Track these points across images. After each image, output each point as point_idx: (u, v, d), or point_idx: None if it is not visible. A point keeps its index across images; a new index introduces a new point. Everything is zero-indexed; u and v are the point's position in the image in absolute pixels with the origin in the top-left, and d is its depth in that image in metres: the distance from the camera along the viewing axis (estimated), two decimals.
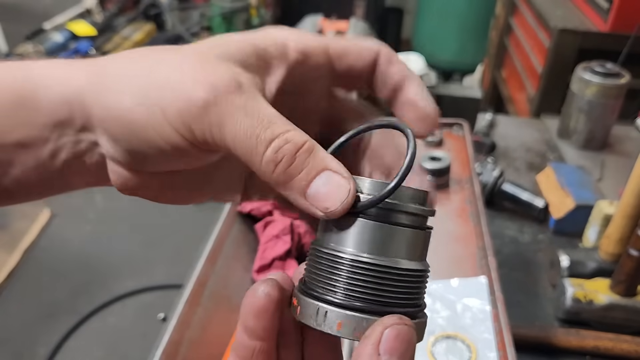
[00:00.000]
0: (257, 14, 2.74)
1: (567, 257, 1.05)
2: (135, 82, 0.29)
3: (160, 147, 0.29)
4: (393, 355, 0.26)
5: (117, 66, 0.30)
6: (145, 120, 0.28)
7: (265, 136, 0.27)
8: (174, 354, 0.80)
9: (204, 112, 0.27)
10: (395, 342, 0.26)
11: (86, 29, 2.70)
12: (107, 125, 0.29)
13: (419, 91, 0.33)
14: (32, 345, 1.91)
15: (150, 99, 0.28)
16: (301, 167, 0.27)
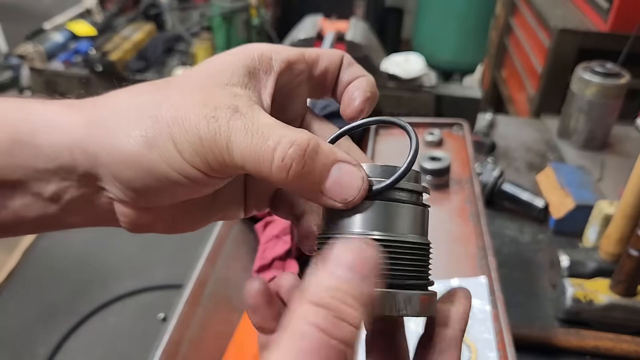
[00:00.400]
0: (257, 14, 2.74)
1: (567, 257, 1.05)
2: (141, 122, 0.29)
3: (176, 181, 0.30)
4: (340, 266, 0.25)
5: (117, 107, 0.30)
6: (158, 159, 0.29)
7: (268, 145, 0.28)
8: (174, 354, 0.80)
9: (213, 143, 0.28)
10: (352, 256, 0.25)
11: (86, 29, 2.70)
12: (116, 170, 0.30)
13: (362, 83, 0.35)
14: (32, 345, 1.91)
15: (160, 137, 0.29)
16: (312, 166, 0.28)
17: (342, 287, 0.25)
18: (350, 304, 0.24)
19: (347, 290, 0.25)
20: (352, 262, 0.25)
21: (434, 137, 1.22)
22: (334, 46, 1.61)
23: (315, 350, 0.23)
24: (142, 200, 0.31)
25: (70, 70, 2.57)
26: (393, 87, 1.74)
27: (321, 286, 0.25)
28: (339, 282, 0.25)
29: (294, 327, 0.24)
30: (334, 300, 0.24)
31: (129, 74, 2.56)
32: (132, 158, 0.29)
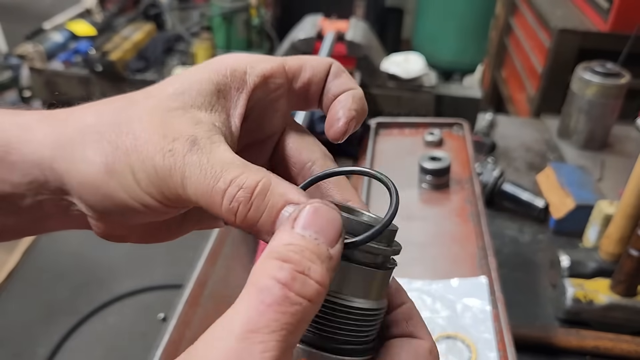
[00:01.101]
0: (257, 14, 2.73)
1: (567, 257, 1.05)
2: (102, 148, 0.29)
3: (134, 208, 0.29)
4: (308, 228, 0.25)
5: (82, 127, 0.30)
6: (116, 186, 0.29)
7: (219, 187, 0.27)
8: (174, 354, 0.80)
9: (168, 177, 0.28)
10: (312, 217, 0.25)
11: (86, 29, 2.70)
12: (80, 192, 0.30)
13: (348, 100, 0.33)
14: (32, 345, 1.91)
15: (119, 165, 0.29)
16: (260, 210, 0.27)
17: (308, 245, 0.24)
18: (314, 261, 0.24)
19: (312, 249, 0.24)
20: (318, 224, 0.25)
21: (434, 137, 1.22)
22: (334, 46, 1.61)
23: (275, 304, 0.22)
24: (109, 218, 0.31)
25: (70, 70, 2.57)
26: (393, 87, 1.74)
27: (286, 243, 0.24)
28: (304, 241, 0.24)
29: (255, 281, 0.23)
30: (297, 256, 0.23)
31: (129, 73, 2.56)
32: (93, 184, 0.29)
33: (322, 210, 0.25)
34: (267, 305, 0.22)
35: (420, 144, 1.24)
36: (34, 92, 2.73)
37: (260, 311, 0.22)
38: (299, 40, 1.69)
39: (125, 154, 0.29)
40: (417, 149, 1.21)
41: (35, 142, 0.30)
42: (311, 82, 0.34)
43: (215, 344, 0.22)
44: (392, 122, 1.30)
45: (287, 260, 0.23)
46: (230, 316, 0.23)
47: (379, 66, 1.72)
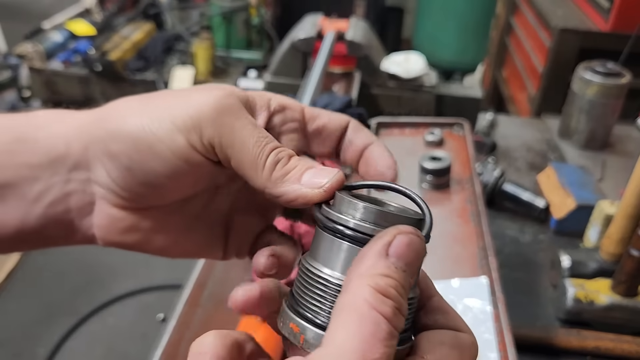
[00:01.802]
0: (257, 14, 2.73)
1: (568, 258, 1.05)
2: (144, 106, 0.32)
3: (166, 159, 0.31)
4: (401, 260, 0.27)
5: (124, 101, 0.33)
6: (154, 133, 0.31)
7: (269, 147, 0.32)
8: (174, 354, 0.80)
9: (216, 115, 0.31)
10: (405, 249, 0.27)
11: (85, 29, 2.70)
12: (112, 146, 0.31)
13: (382, 150, 0.36)
14: (32, 345, 1.91)
15: (160, 114, 0.31)
16: (295, 164, 0.32)
17: (402, 281, 0.26)
18: (405, 298, 0.26)
19: (404, 285, 0.26)
20: (410, 257, 0.27)
21: (435, 137, 1.22)
22: (334, 46, 1.61)
23: (385, 339, 0.24)
24: (130, 187, 0.32)
25: (70, 69, 2.57)
26: (393, 87, 1.73)
27: (383, 273, 0.26)
28: (398, 275, 0.26)
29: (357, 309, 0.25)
30: (395, 293, 0.26)
31: (129, 73, 2.55)
32: (128, 132, 0.31)
33: (415, 243, 0.27)
34: (378, 339, 0.24)
35: (420, 144, 1.23)
36: (33, 92, 2.73)
37: (372, 345, 0.24)
38: (299, 39, 1.69)
39: (168, 107, 0.31)
40: (417, 149, 1.21)
41: (69, 119, 0.33)
42: (325, 127, 0.37)
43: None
44: (392, 121, 1.30)
45: (387, 295, 0.25)
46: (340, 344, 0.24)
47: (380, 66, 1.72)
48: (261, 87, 2.27)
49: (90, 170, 0.32)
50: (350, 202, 0.29)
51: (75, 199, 0.33)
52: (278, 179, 0.31)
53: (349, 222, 0.29)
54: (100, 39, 2.65)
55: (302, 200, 0.31)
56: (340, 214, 0.29)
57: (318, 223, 0.31)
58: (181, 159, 0.31)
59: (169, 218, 0.35)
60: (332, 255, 0.29)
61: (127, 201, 0.33)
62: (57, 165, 0.32)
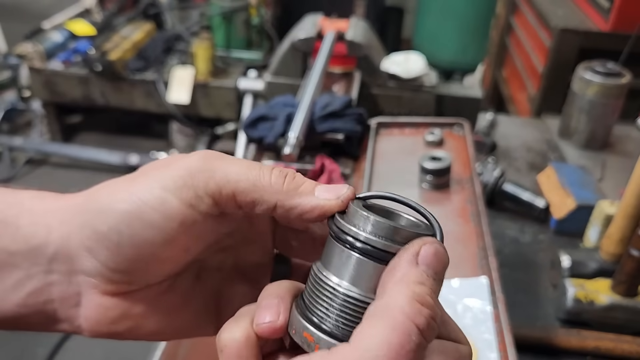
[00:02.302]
0: (256, 13, 2.73)
1: (568, 258, 1.05)
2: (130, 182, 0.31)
3: (159, 226, 0.30)
4: (430, 268, 0.28)
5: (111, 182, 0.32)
6: (144, 203, 0.30)
7: (266, 166, 0.32)
8: (174, 354, 0.80)
9: (204, 163, 0.31)
10: (433, 258, 0.28)
11: (85, 29, 2.70)
12: (99, 227, 0.30)
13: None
14: (32, 345, 1.91)
15: (148, 184, 0.30)
16: (303, 180, 0.32)
17: (435, 289, 0.27)
18: (440, 307, 0.27)
19: (436, 293, 0.27)
20: (437, 267, 0.28)
21: (435, 137, 1.22)
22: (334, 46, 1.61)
23: (412, 351, 0.25)
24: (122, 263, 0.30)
25: (70, 69, 2.57)
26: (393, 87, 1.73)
27: (418, 280, 0.27)
28: (431, 283, 0.27)
29: (393, 314, 0.25)
30: (431, 301, 0.26)
31: (129, 73, 2.55)
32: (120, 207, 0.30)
33: (441, 253, 0.29)
34: (406, 351, 0.25)
35: (420, 144, 1.23)
36: (33, 92, 2.73)
37: (399, 355, 0.25)
38: (299, 39, 1.69)
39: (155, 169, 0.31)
40: (417, 149, 1.21)
41: (52, 203, 0.32)
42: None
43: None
44: (392, 122, 1.30)
45: (424, 303, 0.26)
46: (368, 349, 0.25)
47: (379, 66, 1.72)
48: (261, 87, 2.26)
49: (74, 260, 0.31)
50: (362, 215, 0.30)
51: (58, 290, 0.31)
52: (291, 191, 0.31)
53: (359, 235, 0.29)
54: (100, 39, 2.65)
55: (319, 211, 0.31)
56: (352, 226, 0.30)
57: (331, 233, 0.31)
58: (175, 221, 0.30)
59: (161, 299, 0.33)
60: (341, 265, 0.30)
61: (119, 284, 0.31)
62: (37, 254, 0.31)
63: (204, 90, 2.53)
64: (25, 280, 0.31)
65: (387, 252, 0.29)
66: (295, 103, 1.23)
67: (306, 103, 1.19)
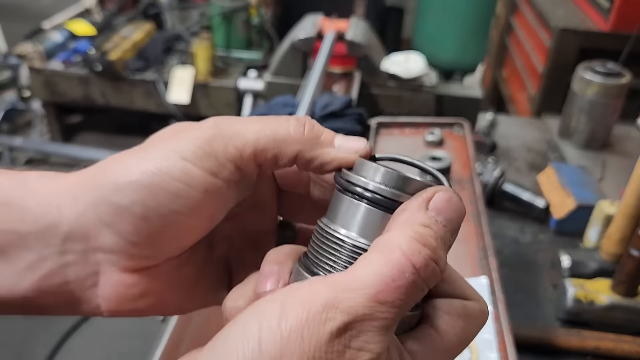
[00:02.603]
0: (257, 13, 2.73)
1: (568, 258, 1.05)
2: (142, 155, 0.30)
3: (186, 196, 0.29)
4: (441, 214, 0.27)
5: (118, 156, 0.31)
6: (166, 174, 0.29)
7: (282, 117, 0.31)
8: (174, 354, 0.79)
9: (218, 130, 0.30)
10: (446, 205, 0.27)
11: (85, 29, 2.70)
12: (121, 201, 0.29)
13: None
14: (32, 345, 1.91)
15: (165, 155, 0.29)
16: (322, 129, 0.32)
17: (442, 234, 0.26)
18: (444, 251, 0.26)
19: (444, 238, 0.26)
20: (450, 213, 0.27)
21: (435, 137, 1.22)
22: (334, 46, 1.61)
23: (404, 287, 0.24)
24: (147, 235, 0.30)
25: (70, 69, 2.57)
26: (393, 87, 1.73)
27: (423, 223, 0.26)
28: (438, 228, 0.26)
29: (390, 250, 0.25)
30: (434, 242, 0.25)
31: (129, 73, 2.55)
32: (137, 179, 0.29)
33: (454, 200, 0.27)
34: (397, 286, 0.24)
35: (420, 144, 1.23)
36: (33, 92, 2.73)
37: (389, 287, 0.24)
38: (299, 39, 1.69)
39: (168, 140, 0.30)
40: (417, 149, 1.21)
41: (60, 181, 0.30)
42: None
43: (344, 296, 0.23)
44: (392, 122, 1.30)
45: (425, 244, 0.25)
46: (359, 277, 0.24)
47: (380, 66, 1.72)
48: (261, 87, 2.26)
49: (90, 238, 0.30)
50: (372, 166, 0.30)
51: (75, 271, 0.30)
52: (312, 140, 0.31)
53: (368, 185, 0.29)
54: (100, 39, 2.65)
55: (337, 163, 0.31)
56: (361, 176, 0.30)
57: (338, 187, 0.31)
58: (199, 190, 0.29)
59: (179, 272, 0.33)
60: (349, 217, 0.29)
61: (139, 259, 0.31)
62: (49, 235, 0.29)
63: (204, 90, 2.53)
64: (38, 263, 0.29)
65: (396, 201, 0.28)
66: (295, 103, 1.23)
67: (306, 103, 1.19)
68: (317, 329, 0.22)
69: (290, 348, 0.22)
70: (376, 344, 0.23)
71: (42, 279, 0.30)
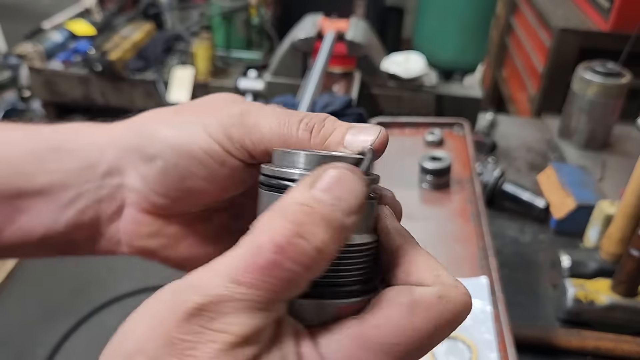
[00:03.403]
0: (257, 13, 2.73)
1: (568, 258, 1.04)
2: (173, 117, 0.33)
3: (205, 162, 0.32)
4: (328, 193, 0.23)
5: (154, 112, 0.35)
6: (190, 139, 0.32)
7: (295, 118, 0.31)
8: None
9: (241, 119, 0.31)
10: (335, 183, 0.24)
11: (85, 29, 2.70)
12: (150, 150, 0.32)
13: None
14: (31, 345, 1.91)
15: (192, 123, 0.32)
16: (332, 127, 0.30)
17: (321, 209, 0.23)
18: (320, 226, 0.22)
19: (324, 214, 0.23)
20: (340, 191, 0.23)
21: (435, 137, 1.22)
22: (334, 46, 1.61)
23: (265, 267, 0.22)
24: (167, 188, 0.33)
25: (70, 69, 2.57)
26: (393, 87, 1.73)
27: (299, 202, 0.23)
28: (318, 205, 0.23)
29: (256, 233, 0.23)
30: (305, 218, 0.22)
31: (129, 73, 2.55)
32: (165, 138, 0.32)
33: (346, 178, 0.24)
34: (256, 266, 0.22)
35: (420, 144, 1.23)
36: (33, 92, 2.72)
37: (247, 267, 0.22)
38: (299, 39, 1.69)
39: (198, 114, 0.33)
40: (417, 149, 1.21)
41: (104, 129, 0.34)
42: None
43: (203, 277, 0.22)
44: (392, 121, 1.30)
45: (293, 220, 0.22)
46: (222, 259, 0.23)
47: (380, 66, 1.72)
48: (261, 87, 2.26)
49: (124, 175, 0.33)
50: (275, 152, 0.29)
51: (106, 206, 0.34)
52: (318, 145, 0.30)
53: (264, 170, 0.28)
54: (100, 39, 2.65)
55: None
56: (266, 166, 0.28)
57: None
58: (218, 162, 0.32)
59: (195, 225, 0.36)
60: (260, 208, 0.28)
61: (158, 207, 0.34)
62: (90, 171, 0.33)
63: (204, 90, 2.53)
64: (77, 198, 0.33)
65: (284, 178, 0.26)
66: (295, 103, 1.23)
67: (306, 103, 1.19)
68: (174, 310, 0.22)
69: (152, 330, 0.22)
70: (238, 326, 0.21)
71: (78, 214, 0.34)
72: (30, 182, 0.32)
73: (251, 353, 0.22)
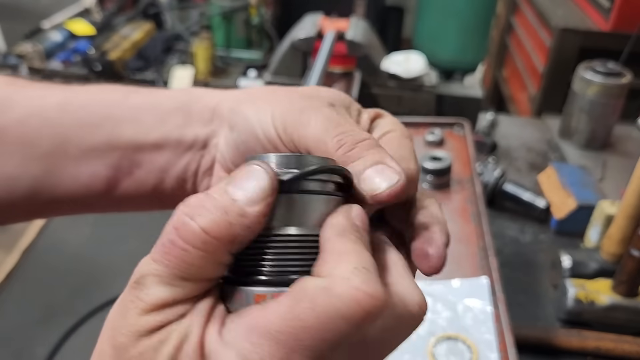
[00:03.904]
0: (256, 13, 2.73)
1: (568, 258, 1.04)
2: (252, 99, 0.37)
3: (263, 145, 0.35)
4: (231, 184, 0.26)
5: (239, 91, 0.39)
6: (258, 122, 0.35)
7: (337, 130, 0.32)
8: None
9: (299, 115, 0.34)
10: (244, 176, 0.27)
11: (85, 28, 2.69)
12: (234, 119, 0.37)
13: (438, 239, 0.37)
14: (31, 345, 1.91)
15: (264, 108, 0.36)
16: (358, 154, 0.30)
17: (219, 198, 0.26)
18: (209, 210, 0.25)
19: (219, 203, 0.25)
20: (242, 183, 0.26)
21: (435, 137, 1.21)
22: (334, 45, 1.61)
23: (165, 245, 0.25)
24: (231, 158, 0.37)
25: (69, 69, 2.57)
26: (394, 87, 1.73)
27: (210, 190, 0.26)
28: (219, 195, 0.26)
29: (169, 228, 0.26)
30: (197, 203, 0.26)
31: (128, 73, 2.55)
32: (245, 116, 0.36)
33: (253, 171, 0.27)
34: (162, 245, 0.26)
35: (421, 144, 1.23)
36: None
37: (157, 248, 0.26)
38: (299, 39, 1.69)
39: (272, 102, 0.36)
40: (417, 149, 1.21)
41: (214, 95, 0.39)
42: None
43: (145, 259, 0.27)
44: None
45: (189, 204, 0.26)
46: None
47: (380, 65, 1.71)
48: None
49: (218, 136, 0.38)
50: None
51: (205, 160, 0.38)
52: (343, 164, 0.30)
53: None
54: (99, 38, 2.65)
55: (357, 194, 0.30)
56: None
57: None
58: (273, 147, 0.35)
59: None
60: None
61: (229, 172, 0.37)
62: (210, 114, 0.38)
63: None
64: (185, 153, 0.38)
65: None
66: None
67: None
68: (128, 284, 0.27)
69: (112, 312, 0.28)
70: (150, 296, 0.25)
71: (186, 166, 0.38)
72: (148, 137, 0.37)
73: (159, 319, 0.25)
